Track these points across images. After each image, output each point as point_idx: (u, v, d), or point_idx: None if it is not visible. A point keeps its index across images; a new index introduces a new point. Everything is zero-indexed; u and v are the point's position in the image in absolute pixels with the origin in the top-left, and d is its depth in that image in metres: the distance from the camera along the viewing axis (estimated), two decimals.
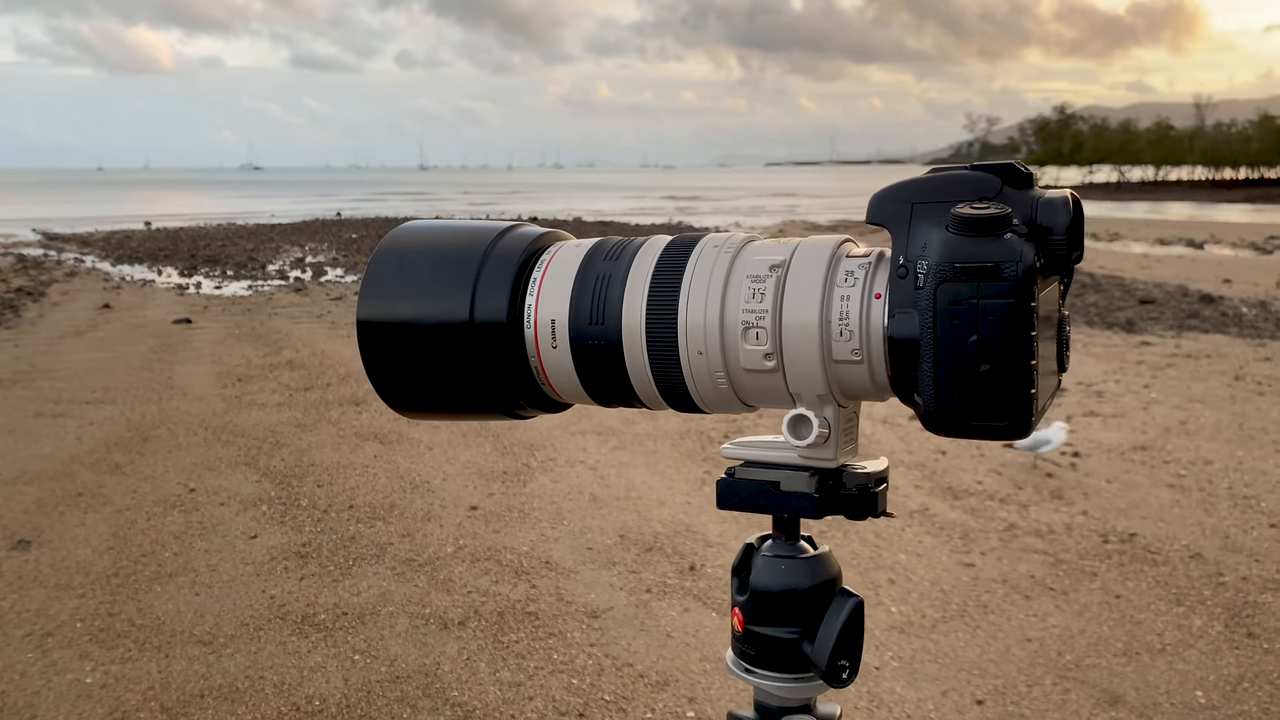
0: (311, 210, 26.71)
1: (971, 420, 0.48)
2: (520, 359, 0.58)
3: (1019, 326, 0.46)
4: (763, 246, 0.56)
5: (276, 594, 2.59)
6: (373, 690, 2.13)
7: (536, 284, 0.58)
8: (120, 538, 2.97)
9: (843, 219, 21.31)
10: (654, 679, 2.18)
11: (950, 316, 0.47)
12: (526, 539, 2.97)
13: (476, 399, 0.59)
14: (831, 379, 0.52)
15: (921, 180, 0.51)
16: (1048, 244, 0.48)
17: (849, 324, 0.50)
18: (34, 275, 10.44)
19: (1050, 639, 2.36)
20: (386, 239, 0.62)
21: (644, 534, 2.99)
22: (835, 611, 0.55)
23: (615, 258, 0.58)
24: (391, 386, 0.60)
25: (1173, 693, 2.13)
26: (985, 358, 0.46)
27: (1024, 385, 0.47)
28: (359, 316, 0.59)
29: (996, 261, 0.46)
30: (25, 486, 3.42)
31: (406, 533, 3.02)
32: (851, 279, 0.51)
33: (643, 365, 0.55)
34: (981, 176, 0.50)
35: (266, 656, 2.27)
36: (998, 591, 2.62)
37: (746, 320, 0.52)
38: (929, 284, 0.48)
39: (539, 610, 2.51)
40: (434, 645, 2.32)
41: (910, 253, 0.49)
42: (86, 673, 2.20)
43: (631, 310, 0.55)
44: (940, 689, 2.14)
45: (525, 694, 2.13)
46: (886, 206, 0.51)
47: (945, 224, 0.48)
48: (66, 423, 4.27)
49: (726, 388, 0.54)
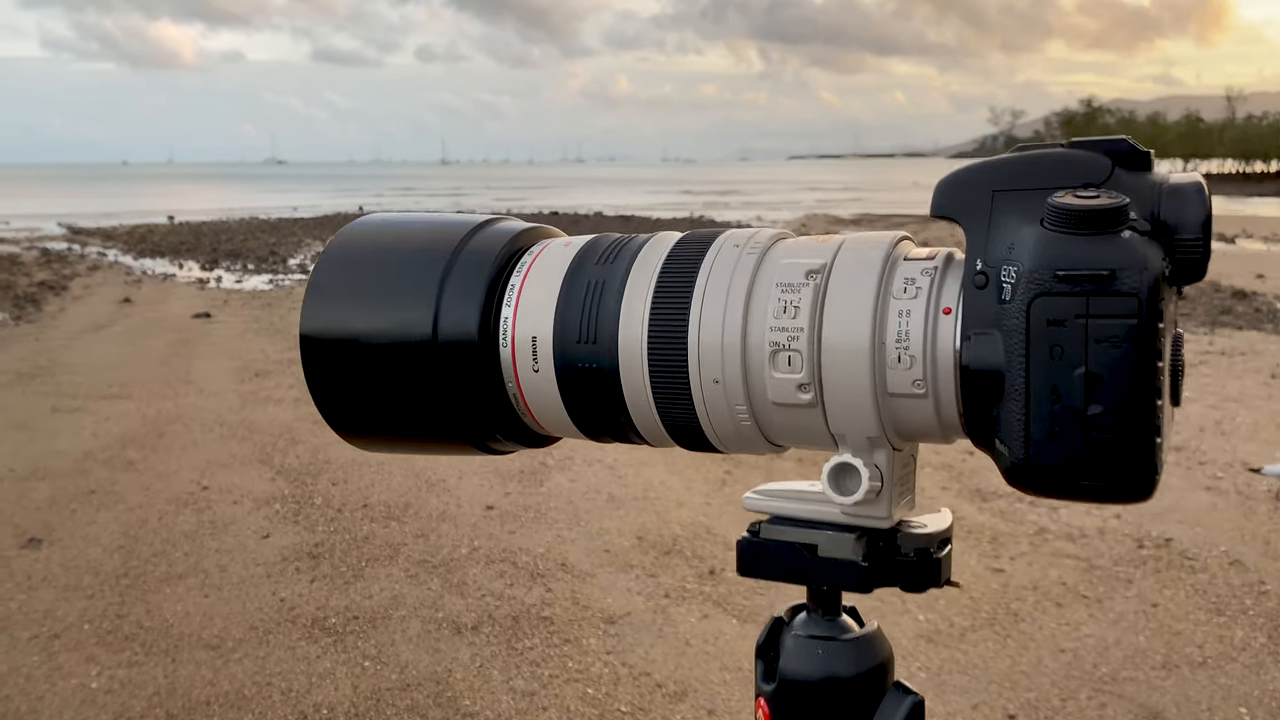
0: (337, 205, 26.79)
1: (1077, 479, 0.37)
2: (495, 384, 0.48)
3: (1143, 355, 0.35)
4: (797, 246, 0.45)
5: (287, 596, 2.54)
6: (382, 698, 2.07)
7: (515, 292, 0.47)
8: (131, 536, 2.93)
9: (865, 212, 21.13)
10: (672, 689, 2.11)
11: (1049, 341, 0.36)
12: (543, 540, 2.90)
13: (441, 431, 0.49)
14: (886, 417, 0.41)
15: (1005, 161, 0.40)
16: (1176, 245, 0.37)
17: (909, 347, 0.40)
18: (57, 269, 10.48)
19: (1085, 650, 2.27)
20: (338, 235, 0.52)
21: (663, 536, 2.92)
22: (888, 713, 0.45)
23: (611, 260, 0.47)
24: (340, 413, 0.51)
25: (1215, 709, 2.04)
26: (1097, 397, 0.36)
27: (1147, 433, 0.36)
28: (301, 329, 0.50)
29: (1113, 268, 0.35)
30: (39, 483, 3.39)
31: (421, 533, 2.96)
32: (913, 288, 0.40)
33: (644, 396, 0.45)
34: (1085, 156, 0.39)
35: (275, 662, 2.21)
36: (1029, 599, 2.53)
37: (776, 341, 0.41)
38: (1019, 297, 0.37)
39: (554, 615, 2.44)
40: (446, 651, 2.26)
41: (992, 255, 0.38)
42: (92, 677, 2.15)
43: (630, 326, 0.44)
44: (970, 702, 2.06)
45: (539, 704, 2.06)
46: (959, 194, 0.40)
47: (1040, 218, 0.37)
48: (82, 418, 4.24)
49: (750, 425, 0.44)
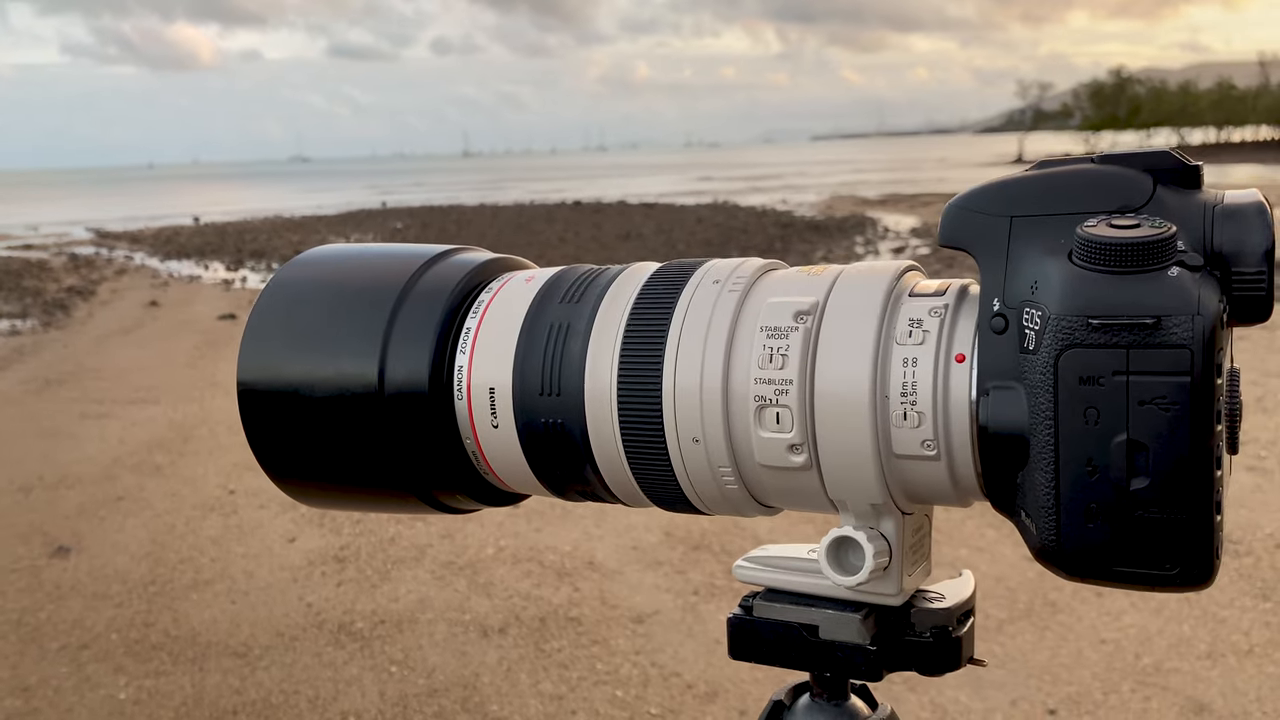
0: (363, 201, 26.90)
1: (1116, 564, 0.32)
2: (451, 440, 0.43)
3: (1198, 419, 0.29)
4: (785, 281, 0.38)
5: (313, 601, 2.52)
6: (409, 704, 2.05)
7: (470, 336, 0.42)
8: (158, 543, 2.93)
9: (893, 192, 20.92)
10: (703, 690, 2.07)
11: (1083, 402, 0.30)
12: (569, 538, 2.87)
13: (391, 490, 0.44)
14: (892, 481, 0.36)
15: (1025, 180, 0.34)
16: (1234, 281, 0.31)
17: (916, 402, 0.34)
18: (84, 274, 10.58)
19: (1126, 640, 2.20)
20: (279, 272, 0.47)
21: (690, 531, 2.87)
22: None
23: (576, 299, 0.41)
24: (281, 466, 0.46)
25: (1264, 699, 1.97)
26: (1141, 469, 0.30)
27: (1204, 511, 0.30)
28: (238, 375, 0.45)
29: (1158, 315, 0.29)
30: (67, 491, 3.40)
31: (446, 533, 2.93)
32: (919, 332, 0.34)
33: (616, 455, 0.39)
34: (1120, 174, 0.33)
35: (302, 669, 2.20)
36: (1066, 588, 2.46)
37: (762, 395, 0.36)
38: (1046, 348, 0.31)
39: (582, 615, 2.40)
40: (473, 655, 2.23)
41: (1012, 294, 0.32)
42: (120, 688, 2.15)
43: (597, 377, 0.39)
44: (1009, 697, 2.01)
45: (568, 707, 2.03)
46: (969, 222, 0.34)
47: (1069, 250, 0.31)
48: (109, 424, 4.26)
49: (736, 488, 0.38)
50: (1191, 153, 0.34)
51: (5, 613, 2.49)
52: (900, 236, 11.70)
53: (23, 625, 2.43)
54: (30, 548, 2.91)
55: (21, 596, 2.59)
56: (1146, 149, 0.34)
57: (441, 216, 18.37)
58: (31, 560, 2.82)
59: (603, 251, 11.14)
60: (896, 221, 13.70)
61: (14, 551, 2.88)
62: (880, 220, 13.94)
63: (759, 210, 16.83)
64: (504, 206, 21.13)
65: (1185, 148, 50.79)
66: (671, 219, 15.37)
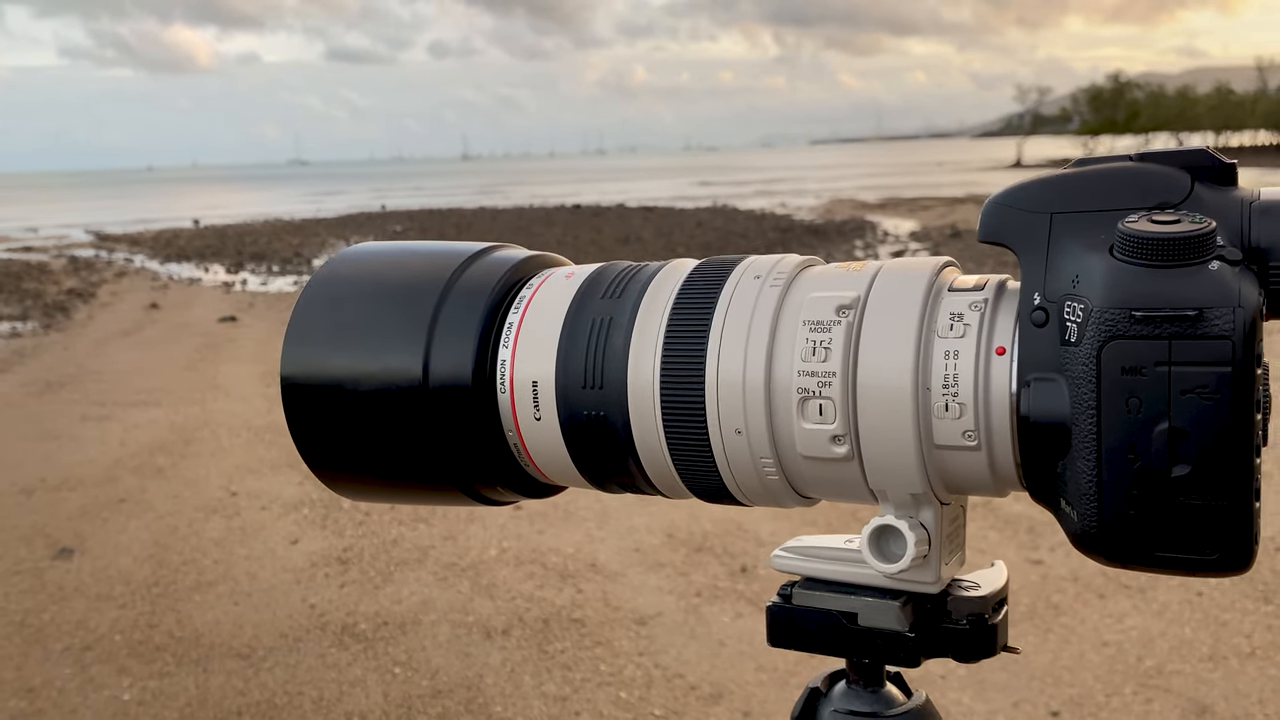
0: (363, 204, 26.91)
1: (1157, 549, 0.33)
2: (494, 433, 0.43)
3: (1238, 408, 0.30)
4: (826, 276, 0.39)
5: (317, 603, 2.53)
6: (413, 706, 2.05)
7: (513, 331, 0.43)
8: (161, 545, 2.93)
9: (891, 196, 20.94)
10: (706, 691, 2.08)
11: (1125, 392, 0.32)
12: (572, 540, 2.88)
13: (434, 482, 0.45)
14: (932, 472, 0.37)
15: (1066, 177, 0.36)
16: (1271, 274, 0.32)
17: (958, 394, 0.35)
18: (84, 276, 10.58)
19: (1128, 642, 2.21)
20: (321, 269, 0.48)
21: (693, 533, 2.88)
22: None
23: (618, 294, 0.42)
24: (326, 462, 0.47)
25: (1266, 701, 1.98)
26: (1183, 456, 0.31)
27: (1244, 497, 0.31)
28: (281, 373, 0.46)
29: (1200, 307, 0.31)
30: (69, 493, 3.40)
31: (449, 535, 2.94)
32: (960, 325, 0.35)
33: (659, 448, 0.40)
34: (1159, 171, 0.34)
35: (305, 670, 2.20)
36: (1069, 590, 2.47)
37: (805, 387, 0.37)
38: (1089, 340, 0.32)
39: (585, 617, 2.41)
40: (477, 656, 2.24)
41: (1052, 288, 0.34)
42: (124, 689, 2.15)
43: (640, 370, 0.40)
44: (1011, 699, 2.01)
45: (571, 709, 2.03)
46: (1012, 217, 0.35)
47: (1110, 245, 0.33)
48: (111, 426, 4.26)
49: (777, 479, 0.39)
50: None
51: (9, 614, 2.50)
52: (900, 240, 11.71)
53: (26, 627, 2.43)
54: (33, 550, 2.91)
55: (24, 598, 2.59)
56: (1184, 148, 0.35)
57: (441, 220, 18.38)
58: (34, 562, 2.82)
59: (602, 255, 11.15)
60: (896, 225, 13.71)
61: (16, 553, 2.88)
62: (880, 224, 13.96)
63: (758, 214, 16.85)
64: (503, 210, 21.14)
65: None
66: (671, 222, 15.39)
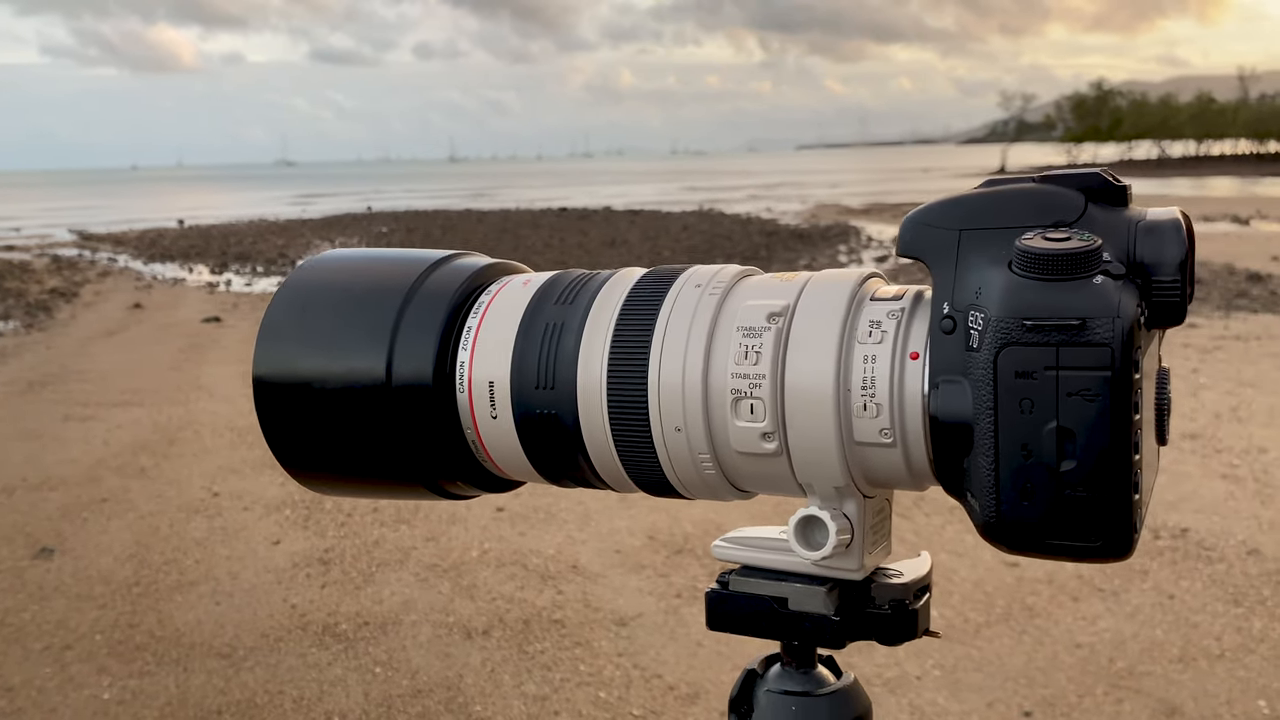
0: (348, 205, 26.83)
1: (1048, 538, 0.36)
2: (453, 430, 0.46)
3: (1118, 409, 0.34)
4: (760, 285, 0.43)
5: (298, 603, 2.53)
6: (393, 705, 2.07)
7: (472, 334, 0.46)
8: (143, 545, 2.93)
9: (876, 202, 21.04)
10: (684, 691, 2.10)
11: (1018, 394, 0.34)
12: (553, 541, 2.90)
13: (397, 476, 0.48)
14: (853, 465, 0.40)
15: (973, 197, 0.39)
16: (1153, 287, 0.36)
17: (875, 394, 0.38)
18: (67, 276, 10.53)
19: (1101, 644, 2.24)
20: (293, 274, 0.51)
21: (674, 535, 2.90)
22: None
23: (570, 300, 0.45)
24: (294, 456, 0.49)
25: (1234, 702, 2.01)
26: (1069, 453, 0.34)
27: (1123, 490, 0.34)
28: (254, 372, 0.49)
29: (1083, 317, 0.34)
30: (50, 492, 3.40)
31: (431, 536, 2.95)
32: (878, 332, 0.39)
33: (605, 444, 0.43)
34: (1055, 192, 0.37)
35: (286, 669, 2.21)
36: (1043, 593, 2.50)
37: (738, 388, 0.40)
38: (987, 346, 0.35)
39: (565, 618, 2.43)
40: (457, 656, 2.25)
41: (959, 299, 0.37)
42: (104, 688, 2.15)
43: (589, 372, 0.43)
44: (985, 700, 2.04)
45: (550, 708, 2.05)
46: (924, 234, 0.38)
47: (1009, 260, 0.36)
48: (94, 426, 4.25)
49: (715, 473, 0.42)
50: (1172, 166, 0.37)
51: None
52: (884, 246, 11.78)
53: (6, 626, 2.43)
54: (13, 549, 2.91)
55: (4, 597, 2.59)
56: (1081, 170, 0.38)
57: (427, 221, 18.35)
58: (15, 561, 2.82)
59: (588, 258, 11.17)
60: (879, 231, 13.78)
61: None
62: (863, 229, 14.03)
63: (744, 218, 16.89)
64: (489, 212, 21.12)
65: (1165, 160, 51.26)
66: (657, 226, 15.42)
